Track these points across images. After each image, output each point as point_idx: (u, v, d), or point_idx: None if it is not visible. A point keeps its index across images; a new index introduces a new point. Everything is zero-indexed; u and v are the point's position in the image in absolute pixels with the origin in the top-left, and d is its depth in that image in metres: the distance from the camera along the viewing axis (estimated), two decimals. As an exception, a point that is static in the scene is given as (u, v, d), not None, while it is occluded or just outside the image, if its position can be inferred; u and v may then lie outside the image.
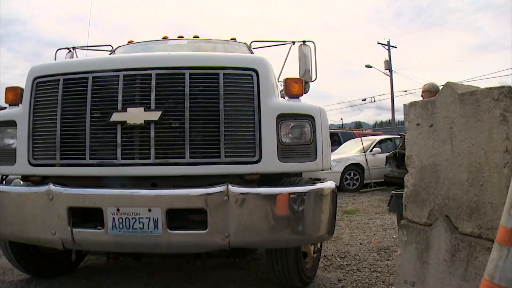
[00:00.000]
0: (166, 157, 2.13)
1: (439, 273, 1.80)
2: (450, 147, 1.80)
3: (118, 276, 2.98)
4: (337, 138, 12.11)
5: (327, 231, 2.25)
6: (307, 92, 3.32)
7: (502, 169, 1.52)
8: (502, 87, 1.57)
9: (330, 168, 2.55)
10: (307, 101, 2.45)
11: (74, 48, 4.26)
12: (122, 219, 2.03)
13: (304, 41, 3.48)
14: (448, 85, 1.84)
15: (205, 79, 2.18)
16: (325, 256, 3.52)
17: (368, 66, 25.91)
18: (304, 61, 3.30)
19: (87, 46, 4.42)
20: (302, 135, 2.27)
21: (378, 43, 26.42)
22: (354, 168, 8.86)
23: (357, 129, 19.13)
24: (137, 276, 2.94)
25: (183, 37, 4.35)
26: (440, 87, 1.94)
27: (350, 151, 9.78)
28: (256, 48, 4.43)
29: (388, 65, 26.09)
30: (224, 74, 2.17)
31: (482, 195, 1.62)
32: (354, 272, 3.07)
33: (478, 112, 1.65)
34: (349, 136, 12.11)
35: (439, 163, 1.86)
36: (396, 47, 26.70)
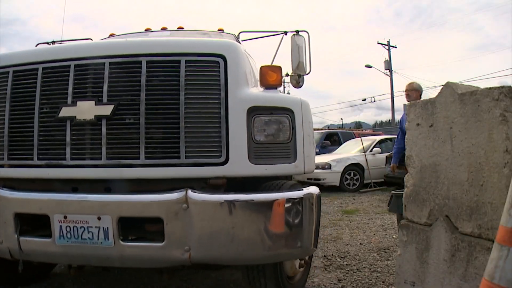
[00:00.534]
0: (119, 157, 1.89)
1: (439, 273, 1.80)
2: (450, 147, 1.80)
3: (118, 276, 2.98)
4: (337, 138, 12.12)
5: (311, 243, 1.94)
6: (301, 86, 3.18)
7: (502, 169, 1.52)
8: (502, 87, 1.57)
9: (318, 171, 2.38)
10: (302, 98, 2.14)
11: (53, 42, 3.98)
12: (70, 227, 1.81)
13: (297, 31, 3.17)
14: (448, 85, 1.84)
15: (164, 68, 1.93)
16: (325, 256, 3.52)
17: (368, 66, 25.91)
18: (297, 52, 3.00)
19: (67, 40, 4.08)
20: (279, 132, 1.98)
21: (378, 43, 26.43)
22: (354, 168, 8.86)
23: (357, 129, 19.14)
24: (137, 277, 2.94)
25: (166, 28, 4.11)
26: (440, 87, 1.94)
27: (350, 151, 9.78)
28: (246, 40, 4.11)
29: (388, 65, 26.09)
30: (186, 61, 1.91)
31: (482, 195, 1.62)
32: (354, 272, 3.06)
33: (478, 112, 1.65)
34: (349, 136, 12.11)
35: (439, 163, 1.86)
36: (396, 47, 26.72)
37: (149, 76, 1.91)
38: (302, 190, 1.93)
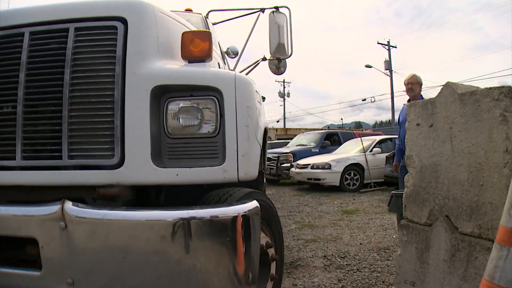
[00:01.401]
0: None
1: (439, 273, 1.80)
2: (450, 147, 1.80)
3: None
4: (337, 138, 12.12)
5: (240, 281, 1.36)
6: (282, 72, 2.80)
7: (502, 169, 1.52)
8: (502, 87, 1.57)
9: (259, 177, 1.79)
10: (239, 74, 1.64)
11: None
12: None
13: (276, 7, 2.66)
14: (448, 85, 1.84)
15: (50, 40, 1.52)
16: (325, 256, 3.52)
17: (368, 66, 25.92)
18: (277, 32, 2.51)
19: None
20: (201, 121, 1.51)
21: (378, 43, 26.43)
22: (354, 168, 8.85)
23: (357, 129, 19.14)
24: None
25: None
26: (440, 87, 1.93)
27: (350, 151, 9.78)
28: (218, 23, 3.60)
29: (388, 65, 26.09)
30: (76, 29, 1.50)
31: (482, 195, 1.62)
32: (354, 272, 3.06)
33: (478, 112, 1.65)
34: (349, 136, 12.09)
35: (439, 163, 1.86)
36: (396, 47, 26.72)
37: (32, 51, 1.50)
38: (232, 206, 1.39)
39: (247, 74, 2.97)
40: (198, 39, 1.64)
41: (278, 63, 2.72)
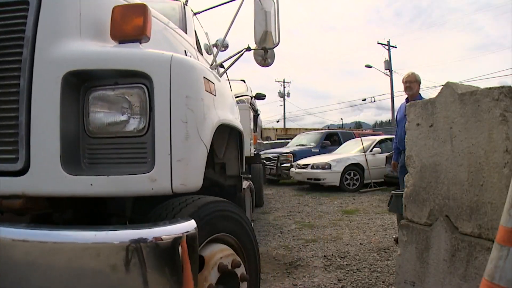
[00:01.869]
0: None
1: (439, 273, 1.80)
2: (450, 147, 1.80)
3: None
4: (337, 138, 12.12)
5: None
6: (270, 64, 2.53)
7: (502, 169, 1.52)
8: (502, 87, 1.57)
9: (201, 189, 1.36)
10: (177, 55, 1.29)
11: None
12: None
13: None
14: (448, 85, 1.84)
15: None
16: (325, 256, 3.52)
17: (368, 66, 25.92)
18: (263, 19, 2.25)
19: None
20: (128, 117, 1.22)
21: (378, 43, 26.44)
22: (354, 168, 8.85)
23: (357, 129, 19.14)
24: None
25: None
26: (440, 87, 1.93)
27: (350, 151, 9.78)
28: (200, 12, 3.27)
29: (388, 65, 26.09)
30: None
31: (482, 195, 1.62)
32: (354, 272, 3.06)
33: (478, 112, 1.65)
34: (349, 136, 12.09)
35: (439, 163, 1.86)
36: (396, 47, 26.73)
37: None
38: (152, 229, 1.09)
39: (229, 66, 2.75)
40: (130, 14, 1.34)
41: (264, 54, 2.43)
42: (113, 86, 1.22)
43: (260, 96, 7.22)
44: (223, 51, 2.77)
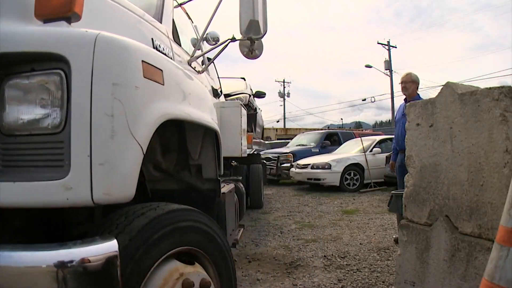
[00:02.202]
0: None
1: (439, 273, 1.80)
2: (450, 147, 1.80)
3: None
4: (337, 138, 12.12)
5: None
6: (258, 56, 2.35)
7: (502, 169, 1.52)
8: (502, 87, 1.57)
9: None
10: (105, 33, 1.07)
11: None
12: None
13: None
14: (448, 85, 1.85)
15: None
16: (325, 256, 3.52)
17: (368, 66, 25.92)
18: (250, 7, 2.11)
19: None
20: (43, 110, 1.02)
21: (378, 43, 26.44)
22: (354, 168, 8.85)
23: (357, 129, 19.13)
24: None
25: None
26: (440, 87, 1.93)
27: (350, 151, 9.78)
28: (185, 2, 3.09)
29: (388, 65, 26.10)
30: None
31: (482, 195, 1.62)
32: (354, 272, 3.06)
33: (478, 112, 1.65)
34: (349, 136, 12.10)
35: (439, 163, 1.86)
36: (396, 47, 26.73)
37: None
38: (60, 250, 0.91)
39: (214, 58, 2.60)
40: None
41: (251, 45, 2.25)
42: (29, 73, 1.03)
43: (260, 94, 7.14)
44: (213, 44, 2.54)
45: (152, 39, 1.84)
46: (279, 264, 3.29)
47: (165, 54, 1.88)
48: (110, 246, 0.97)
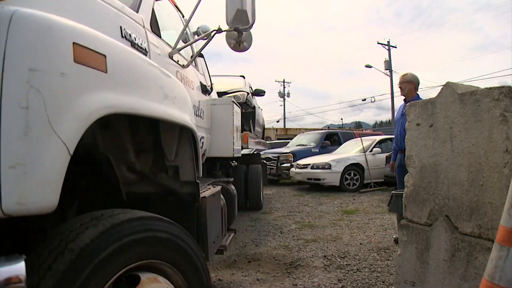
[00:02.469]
0: None
1: (439, 273, 1.80)
2: (450, 147, 1.80)
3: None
4: (337, 138, 12.12)
5: None
6: (246, 48, 2.25)
7: (502, 169, 1.52)
8: (502, 87, 1.57)
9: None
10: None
11: None
12: None
13: None
14: (448, 85, 1.85)
15: None
16: (325, 256, 3.52)
17: (368, 66, 25.92)
18: None
19: None
20: None
21: (378, 43, 26.44)
22: (354, 168, 8.85)
23: (357, 129, 19.13)
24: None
25: None
26: (440, 87, 1.93)
27: (350, 151, 9.78)
28: None
29: (388, 65, 26.09)
30: None
31: (482, 195, 1.62)
32: (354, 272, 3.06)
33: (478, 112, 1.65)
34: (349, 136, 12.10)
35: (439, 163, 1.86)
36: (396, 47, 26.73)
37: None
38: None
39: (200, 51, 2.45)
40: None
41: (238, 36, 2.13)
42: None
43: (259, 92, 7.02)
44: (205, 39, 2.41)
45: (120, 27, 1.70)
46: (279, 264, 3.29)
47: (137, 45, 1.77)
48: (11, 270, 0.81)
